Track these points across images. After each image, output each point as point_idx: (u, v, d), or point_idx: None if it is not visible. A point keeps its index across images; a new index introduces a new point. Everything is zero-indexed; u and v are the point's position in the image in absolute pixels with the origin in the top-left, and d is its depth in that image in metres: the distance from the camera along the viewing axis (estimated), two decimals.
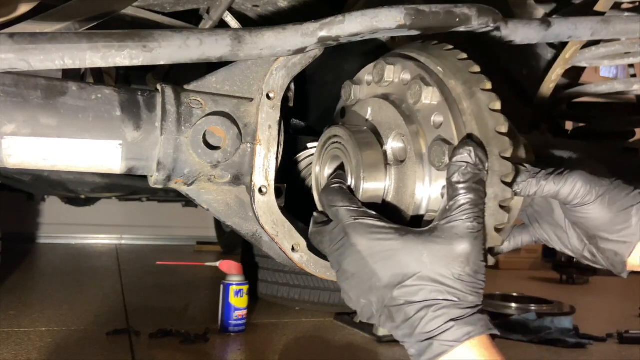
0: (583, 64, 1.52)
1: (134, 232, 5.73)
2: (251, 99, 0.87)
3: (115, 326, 2.38)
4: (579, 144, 1.57)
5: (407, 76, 0.79)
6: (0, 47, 0.70)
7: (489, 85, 0.71)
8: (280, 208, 0.87)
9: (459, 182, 0.65)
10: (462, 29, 0.84)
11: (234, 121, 0.84)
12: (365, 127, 0.82)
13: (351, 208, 0.71)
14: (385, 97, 0.81)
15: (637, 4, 1.40)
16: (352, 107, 0.89)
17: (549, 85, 1.51)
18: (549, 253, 5.97)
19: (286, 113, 0.91)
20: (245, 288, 2.52)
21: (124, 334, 2.32)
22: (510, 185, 0.68)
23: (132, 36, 0.76)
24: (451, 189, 0.66)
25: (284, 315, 2.85)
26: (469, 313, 0.63)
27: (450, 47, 0.78)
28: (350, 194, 0.76)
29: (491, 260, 0.70)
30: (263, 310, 2.91)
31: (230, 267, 2.56)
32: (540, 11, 1.54)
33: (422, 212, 0.73)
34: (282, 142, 0.89)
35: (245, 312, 2.52)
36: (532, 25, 0.89)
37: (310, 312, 2.92)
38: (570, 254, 0.84)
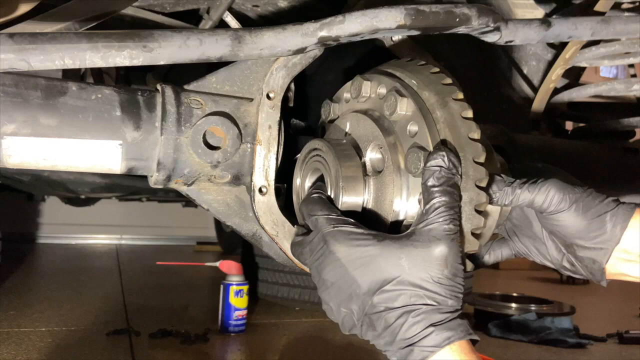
0: (583, 64, 1.52)
1: (134, 232, 5.73)
2: (251, 99, 0.87)
3: (115, 326, 2.38)
4: (579, 144, 1.57)
5: (383, 90, 0.81)
6: (0, 47, 0.70)
7: (460, 95, 0.74)
8: (280, 208, 0.87)
9: (433, 186, 0.67)
10: (462, 29, 0.84)
11: (234, 121, 0.84)
12: (345, 140, 0.83)
13: (330, 216, 0.71)
14: (363, 111, 0.83)
15: (637, 4, 1.40)
16: (332, 124, 0.90)
17: (549, 85, 1.51)
18: None
19: (286, 113, 0.91)
20: (245, 288, 2.52)
21: (124, 334, 2.32)
22: (484, 189, 0.70)
23: (132, 36, 0.76)
24: (427, 193, 0.67)
25: (284, 315, 2.85)
26: (448, 318, 0.63)
27: (424, 62, 0.81)
28: (330, 203, 0.77)
29: (469, 266, 0.71)
30: (263, 310, 2.91)
31: (230, 267, 2.56)
32: (540, 11, 1.54)
33: (401, 219, 0.74)
34: (282, 142, 0.89)
35: (245, 312, 2.52)
36: (532, 25, 0.89)
37: (310, 312, 2.92)
38: (550, 265, 0.85)
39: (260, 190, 0.87)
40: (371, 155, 0.79)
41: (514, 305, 2.95)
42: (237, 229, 0.90)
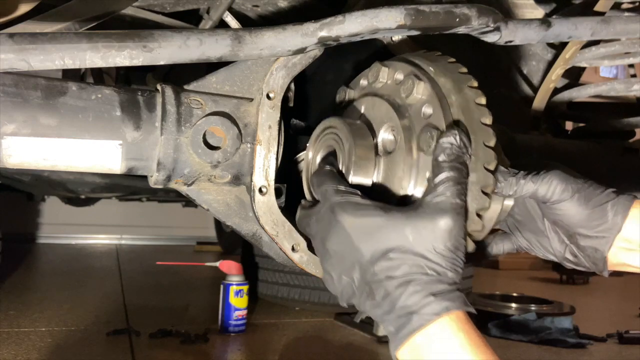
0: (583, 64, 1.52)
1: (134, 232, 5.73)
2: (251, 99, 0.87)
3: (115, 326, 2.38)
4: (579, 144, 1.57)
5: (400, 76, 0.83)
6: (0, 47, 0.70)
7: (475, 84, 0.77)
8: (280, 208, 0.88)
9: (444, 161, 0.69)
10: (462, 29, 0.84)
11: (234, 121, 0.84)
12: (359, 121, 0.85)
13: (340, 188, 0.73)
14: (379, 95, 0.85)
15: (637, 4, 1.40)
16: (347, 107, 0.92)
17: (549, 85, 1.51)
18: None
19: (286, 113, 0.91)
20: (245, 288, 2.52)
21: (124, 334, 2.32)
22: (492, 172, 0.72)
23: (132, 36, 0.76)
24: (436, 168, 0.69)
25: (284, 315, 2.85)
26: (448, 289, 0.64)
27: (440, 53, 0.84)
28: (340, 177, 0.79)
29: (471, 246, 0.72)
30: (263, 310, 2.91)
31: (230, 267, 2.56)
32: (540, 11, 1.54)
33: (409, 196, 0.76)
34: (282, 142, 0.89)
35: (245, 312, 2.52)
36: (532, 25, 0.89)
37: (310, 312, 2.92)
38: (552, 258, 0.86)
39: (260, 190, 0.87)
40: (384, 136, 0.81)
41: (514, 305, 2.95)
42: (237, 229, 0.90)
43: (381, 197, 0.78)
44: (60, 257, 4.58)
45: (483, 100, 0.75)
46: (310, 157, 0.91)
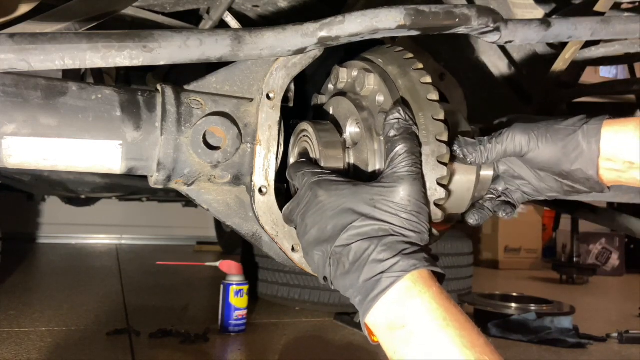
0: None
1: (134, 232, 5.73)
2: (251, 99, 0.87)
3: (115, 326, 2.38)
4: None
5: (355, 73, 0.89)
6: (1, 47, 0.70)
7: (420, 66, 0.83)
8: (280, 208, 0.88)
9: (394, 136, 0.75)
10: (462, 29, 0.84)
11: (234, 121, 0.84)
12: (327, 121, 0.91)
13: (316, 170, 0.80)
14: (342, 93, 0.91)
15: (637, 4, 1.40)
16: (319, 110, 0.98)
17: (548, 85, 1.51)
18: (549, 253, 5.97)
19: (286, 113, 0.91)
20: (245, 288, 2.52)
21: (124, 334, 2.32)
22: (445, 142, 0.78)
23: (132, 36, 0.76)
24: (389, 144, 0.75)
25: (284, 315, 2.85)
26: (414, 249, 0.68)
27: (390, 45, 0.91)
28: (315, 163, 0.85)
29: (438, 214, 0.77)
30: (263, 310, 2.91)
31: (230, 267, 2.56)
32: (540, 11, 1.54)
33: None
34: (282, 142, 0.89)
35: (245, 312, 2.52)
36: (531, 25, 0.89)
37: (310, 312, 2.91)
38: (555, 196, 0.88)
39: (260, 190, 0.87)
40: (350, 130, 0.87)
41: (513, 305, 2.95)
42: (237, 229, 0.90)
43: None
44: (61, 257, 4.58)
45: (428, 79, 0.81)
46: (292, 162, 0.94)
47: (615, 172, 0.78)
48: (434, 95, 0.80)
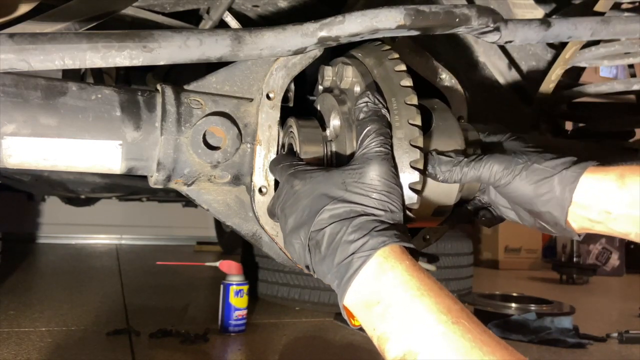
0: (583, 64, 1.51)
1: (134, 232, 5.72)
2: (251, 99, 0.87)
3: (115, 326, 2.38)
4: (578, 144, 1.57)
5: (337, 68, 0.91)
6: (0, 47, 0.70)
7: (395, 55, 0.85)
8: None
9: (363, 118, 0.77)
10: (462, 29, 0.84)
11: (233, 121, 0.84)
12: (312, 117, 0.93)
13: (293, 162, 0.80)
14: (327, 90, 0.94)
15: (637, 4, 1.40)
16: (309, 109, 1.00)
17: (548, 85, 1.51)
18: (549, 253, 5.97)
19: (286, 113, 0.91)
20: (245, 288, 2.52)
21: (124, 334, 2.32)
22: (417, 126, 0.79)
23: (132, 36, 0.76)
24: (359, 127, 0.76)
25: (284, 315, 2.85)
26: (384, 227, 0.68)
27: (372, 40, 0.92)
28: (294, 156, 0.86)
29: (413, 198, 0.78)
30: (263, 310, 2.91)
31: (230, 267, 2.56)
32: (540, 11, 1.54)
33: None
34: (282, 142, 0.89)
35: (245, 312, 2.52)
36: (531, 25, 0.89)
37: (310, 312, 2.91)
38: (529, 225, 0.87)
39: (260, 190, 0.87)
40: (333, 123, 0.89)
41: (513, 305, 2.95)
42: (237, 229, 0.90)
43: None
44: (60, 257, 4.58)
45: (402, 67, 0.83)
46: None
47: (589, 222, 0.76)
48: (407, 82, 0.82)
